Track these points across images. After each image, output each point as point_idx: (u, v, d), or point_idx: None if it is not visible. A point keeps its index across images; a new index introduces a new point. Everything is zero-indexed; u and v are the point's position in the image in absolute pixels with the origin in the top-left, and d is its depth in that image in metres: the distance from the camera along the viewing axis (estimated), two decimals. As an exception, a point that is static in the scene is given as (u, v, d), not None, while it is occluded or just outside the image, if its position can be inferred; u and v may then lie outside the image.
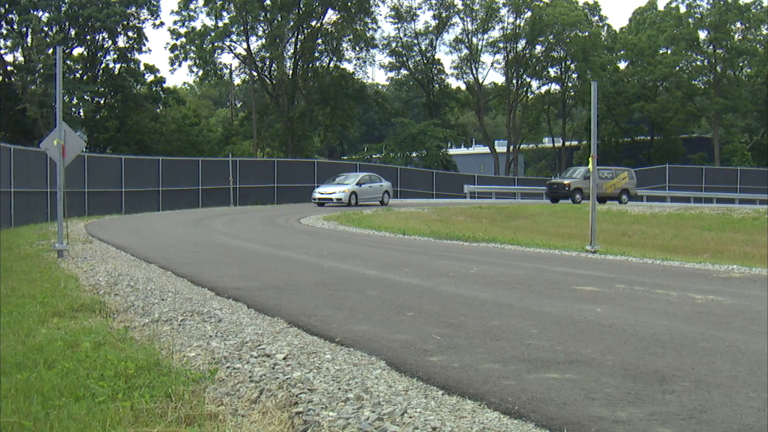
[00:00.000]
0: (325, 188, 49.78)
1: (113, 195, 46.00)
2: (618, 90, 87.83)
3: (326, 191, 49.12)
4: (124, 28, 69.58)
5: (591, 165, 20.24)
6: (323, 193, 49.16)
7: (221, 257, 17.51)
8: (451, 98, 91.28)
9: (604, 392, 6.08)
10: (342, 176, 52.53)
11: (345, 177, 51.91)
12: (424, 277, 13.44)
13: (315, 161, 64.17)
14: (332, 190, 49.07)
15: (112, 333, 8.55)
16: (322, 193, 49.10)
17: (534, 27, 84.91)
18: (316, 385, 6.34)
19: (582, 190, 54.59)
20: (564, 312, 9.74)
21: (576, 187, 55.11)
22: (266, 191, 56.39)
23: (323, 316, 9.44)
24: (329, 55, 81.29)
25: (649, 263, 17.09)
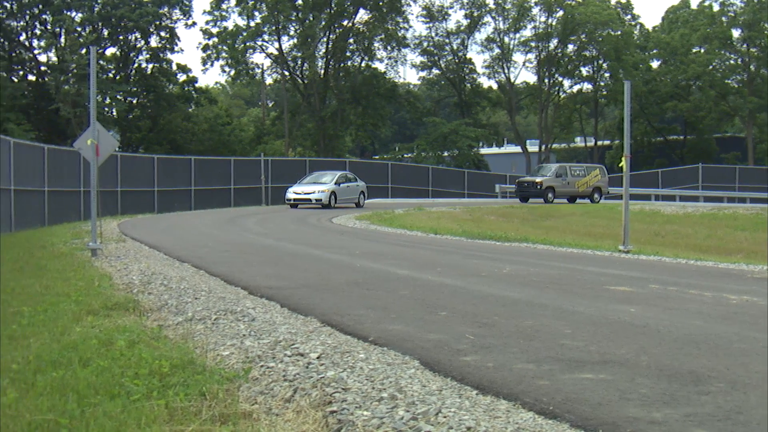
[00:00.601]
0: (301, 188, 45.76)
1: (146, 194, 46.21)
2: (650, 89, 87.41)
3: (303, 191, 45.19)
4: (156, 28, 69.92)
5: (624, 165, 20.10)
6: (299, 193, 45.22)
7: (254, 256, 17.55)
8: (483, 97, 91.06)
9: (639, 393, 6.05)
10: (315, 174, 48.80)
11: (320, 175, 48.02)
12: (457, 276, 13.42)
13: (347, 161, 64.25)
14: (310, 189, 45.13)
15: (146, 331, 8.59)
16: (298, 193, 45.18)
17: (566, 26, 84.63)
18: (350, 384, 6.34)
19: (554, 188, 53.04)
20: (597, 312, 9.70)
21: (548, 186, 52.95)
22: (298, 191, 56.45)
23: (356, 315, 9.44)
24: (361, 54, 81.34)
25: (682, 263, 17.00)
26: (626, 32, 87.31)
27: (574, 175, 54.12)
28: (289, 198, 45.19)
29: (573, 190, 53.68)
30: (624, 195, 20.61)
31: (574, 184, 53.43)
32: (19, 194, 30.19)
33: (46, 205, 33.99)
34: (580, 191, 53.84)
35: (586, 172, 55.12)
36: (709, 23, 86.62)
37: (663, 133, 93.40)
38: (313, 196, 44.53)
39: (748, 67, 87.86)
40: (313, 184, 45.91)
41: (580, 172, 54.81)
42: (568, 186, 53.57)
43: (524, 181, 54.88)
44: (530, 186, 53.40)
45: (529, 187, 53.46)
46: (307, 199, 44.73)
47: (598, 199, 54.25)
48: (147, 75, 70.96)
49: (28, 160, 32.07)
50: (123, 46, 70.40)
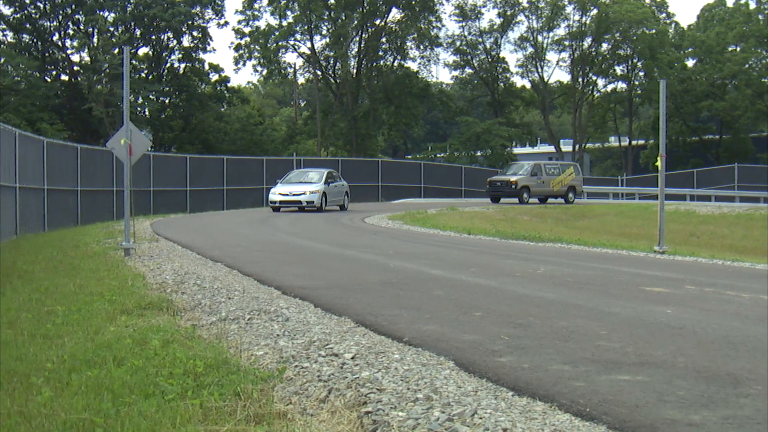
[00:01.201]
0: (287, 187, 40.44)
1: (178, 194, 46.38)
2: (686, 88, 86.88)
3: (290, 191, 39.89)
4: (188, 27, 70.19)
5: (660, 164, 19.99)
6: (286, 194, 39.95)
7: (287, 256, 17.59)
8: (516, 97, 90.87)
9: (677, 395, 6.01)
10: (297, 172, 43.73)
11: (303, 173, 42.94)
12: (491, 276, 13.40)
13: (379, 160, 64.31)
14: (298, 190, 39.84)
15: (180, 331, 8.62)
16: (285, 194, 39.96)
17: (600, 25, 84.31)
18: (384, 384, 6.34)
19: (530, 188, 50.57)
20: (633, 313, 9.65)
21: (523, 185, 50.31)
22: (330, 190, 56.29)
23: (390, 315, 9.44)
24: (393, 53, 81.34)
25: (718, 264, 16.90)
26: (661, 31, 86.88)
27: (549, 173, 51.89)
28: (273, 200, 40.08)
29: (548, 190, 51.51)
30: (659, 195, 20.48)
31: (549, 183, 51.24)
32: (51, 194, 30.39)
33: (78, 204, 34.22)
34: (554, 190, 51.84)
35: (561, 170, 53.10)
36: (746, 21, 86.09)
37: (698, 132, 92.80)
38: (303, 198, 39.53)
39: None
40: (301, 184, 40.80)
41: (554, 171, 52.65)
42: (542, 185, 51.62)
43: (497, 180, 51.93)
44: (504, 185, 50.66)
45: (502, 187, 50.70)
46: (295, 201, 39.80)
47: (573, 199, 52.37)
48: (179, 74, 71.27)
49: (61, 159, 32.29)
50: (155, 45, 70.75)
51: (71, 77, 67.91)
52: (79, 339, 8.36)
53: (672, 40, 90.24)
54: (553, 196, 52.09)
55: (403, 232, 26.81)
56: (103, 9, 65.60)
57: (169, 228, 27.77)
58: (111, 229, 26.98)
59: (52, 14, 66.64)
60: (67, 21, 67.54)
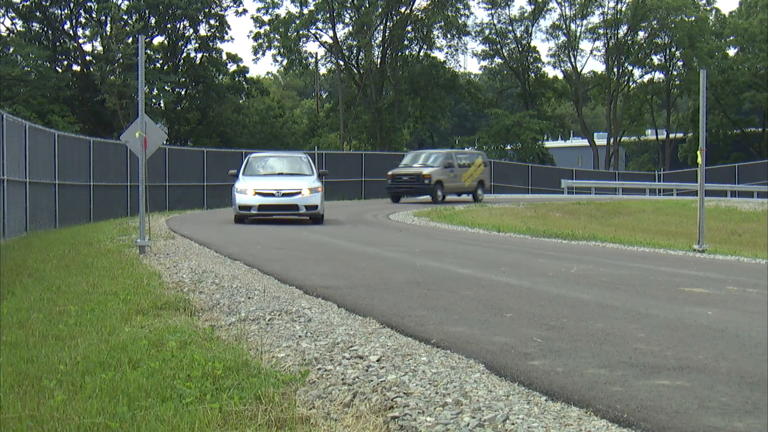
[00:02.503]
0: (268, 182, 28.96)
1: (195, 189, 46.49)
2: (727, 78, 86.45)
3: (276, 188, 28.46)
4: (205, 15, 70.40)
5: (700, 159, 19.91)
6: (268, 191, 28.37)
7: (308, 254, 17.61)
8: (548, 88, 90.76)
9: (719, 401, 5.99)
10: (270, 161, 31.86)
11: (278, 161, 31.90)
12: (522, 276, 13.39)
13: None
14: (290, 185, 28.53)
15: (197, 332, 8.65)
16: (266, 193, 28.33)
17: (636, 12, 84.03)
18: (412, 388, 6.34)
19: (443, 183, 44.22)
20: (672, 315, 9.62)
21: (437, 180, 43.83)
22: (353, 186, 56.27)
23: (417, 316, 9.44)
24: (419, 43, 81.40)
25: (762, 263, 16.82)
26: (701, 18, 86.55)
27: (461, 165, 45.84)
28: (245, 203, 28.31)
29: (459, 185, 45.87)
30: (699, 191, 20.40)
31: (460, 177, 45.33)
32: (63, 189, 30.54)
33: (91, 200, 34.36)
34: (465, 186, 46.22)
35: (470, 160, 47.02)
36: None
37: (740, 125, 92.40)
38: (299, 201, 28.19)
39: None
40: (290, 177, 29.70)
41: (465, 162, 46.48)
42: (455, 179, 45.58)
43: (402, 174, 44.42)
44: (414, 180, 43.87)
45: (411, 182, 44.00)
46: (287, 206, 28.41)
47: (482, 197, 47.05)
48: (196, 65, 71.52)
49: (72, 153, 32.44)
50: (171, 34, 71.00)
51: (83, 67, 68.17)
52: (93, 340, 8.40)
53: (712, 28, 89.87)
54: (465, 192, 46.89)
55: (429, 230, 26.82)
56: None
57: (186, 225, 27.84)
58: (125, 225, 27.06)
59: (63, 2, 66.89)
60: (78, 9, 67.78)
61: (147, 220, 18.27)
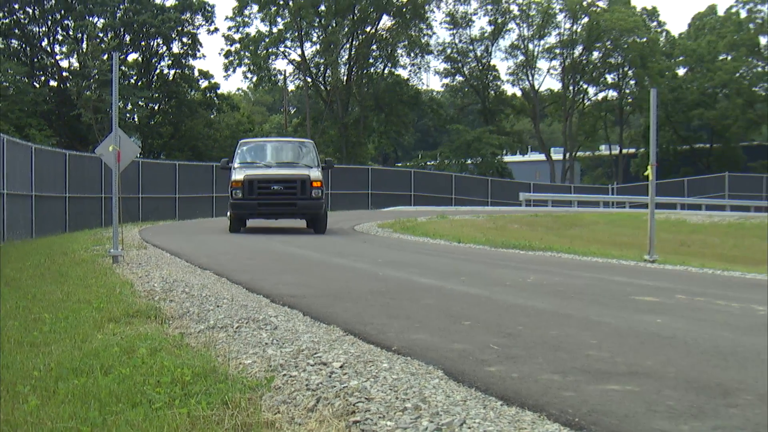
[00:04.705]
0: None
1: (167, 201, 46.36)
2: (677, 97, 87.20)
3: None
4: (178, 33, 70.29)
5: (650, 173, 20.00)
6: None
7: (276, 264, 17.57)
8: (507, 105, 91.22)
9: (666, 405, 6.01)
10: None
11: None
12: (481, 285, 13.39)
13: (369, 168, 64.30)
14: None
15: (167, 339, 8.60)
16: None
17: (591, 33, 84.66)
18: (373, 394, 6.32)
19: None
20: (623, 323, 9.65)
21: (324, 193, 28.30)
22: (320, 198, 55.94)
23: (380, 324, 9.43)
24: (384, 61, 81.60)
25: (709, 273, 16.93)
26: (652, 39, 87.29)
27: None
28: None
29: None
30: (650, 204, 20.53)
31: None
32: (40, 200, 30.35)
33: (67, 211, 34.16)
34: None
35: None
36: (736, 30, 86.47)
37: (689, 141, 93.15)
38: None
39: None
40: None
41: None
42: None
43: (267, 180, 27.74)
44: (290, 191, 27.49)
45: (286, 195, 27.59)
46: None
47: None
48: (169, 81, 71.41)
49: (49, 166, 32.25)
50: (145, 51, 70.90)
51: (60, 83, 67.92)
52: (66, 347, 8.34)
53: (663, 49, 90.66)
54: None
55: (393, 241, 26.81)
56: (93, 15, 65.70)
57: (158, 235, 27.71)
58: (99, 236, 26.91)
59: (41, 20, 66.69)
60: (56, 26, 67.60)
61: (120, 230, 18.18)
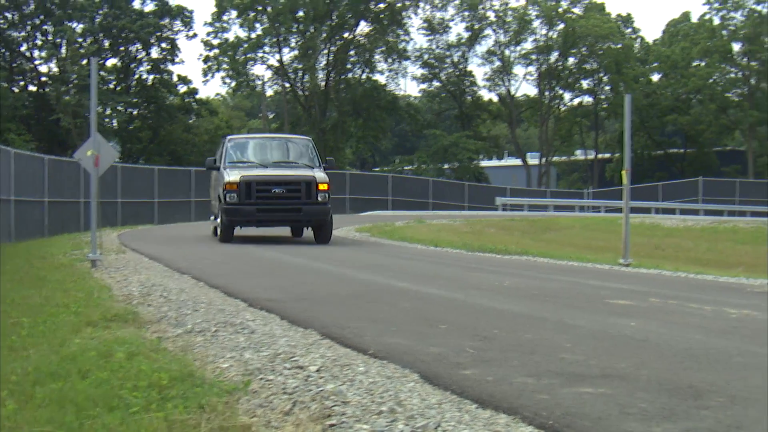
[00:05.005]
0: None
1: (146, 205, 46.24)
2: (651, 102, 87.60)
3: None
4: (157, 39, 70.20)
5: (624, 178, 20.06)
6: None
7: (254, 268, 17.54)
8: (483, 110, 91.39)
9: (639, 407, 6.03)
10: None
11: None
12: (457, 289, 13.41)
13: (347, 173, 64.23)
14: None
15: (145, 343, 8.56)
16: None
17: (567, 39, 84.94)
18: (349, 397, 6.32)
19: None
20: (598, 326, 9.69)
21: None
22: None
23: (356, 328, 9.42)
24: (362, 66, 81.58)
25: (682, 277, 17.00)
26: (627, 45, 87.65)
27: None
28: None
29: None
30: (624, 208, 20.61)
31: None
32: (19, 204, 30.22)
33: (46, 215, 34.02)
34: None
35: None
36: (710, 37, 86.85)
37: (663, 146, 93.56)
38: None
39: (748, 80, 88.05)
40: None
41: None
42: None
43: (267, 182, 24.21)
44: (293, 194, 24.24)
45: (289, 200, 24.34)
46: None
47: None
48: (148, 86, 71.28)
49: (28, 170, 32.12)
50: (124, 57, 70.70)
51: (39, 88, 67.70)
52: (44, 351, 8.29)
53: (637, 55, 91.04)
54: None
55: (370, 245, 26.80)
56: (72, 20, 65.43)
57: (137, 239, 27.62)
58: (78, 240, 26.80)
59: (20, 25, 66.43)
60: (35, 32, 67.33)
61: (99, 235, 18.11)
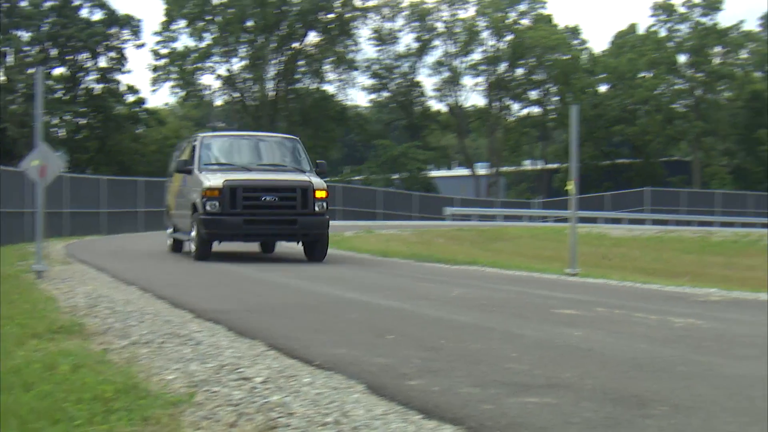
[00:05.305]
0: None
1: (94, 215, 45.83)
2: (598, 113, 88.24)
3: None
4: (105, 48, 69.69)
5: (571, 188, 20.15)
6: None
7: (201, 278, 17.46)
8: (433, 120, 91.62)
9: (583, 416, 6.05)
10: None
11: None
12: (405, 299, 13.41)
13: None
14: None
15: (90, 355, 8.49)
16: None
17: (515, 50, 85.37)
18: (294, 409, 6.30)
19: None
20: (544, 335, 9.73)
21: None
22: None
23: (303, 339, 9.39)
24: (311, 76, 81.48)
25: (629, 286, 17.11)
26: (574, 56, 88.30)
27: None
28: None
29: None
30: (571, 218, 20.70)
31: None
32: (-37, 215, 29.89)
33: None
34: None
35: None
36: (656, 48, 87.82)
37: (611, 156, 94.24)
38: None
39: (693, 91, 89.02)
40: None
41: None
42: None
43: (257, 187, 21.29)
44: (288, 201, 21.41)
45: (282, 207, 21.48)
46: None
47: None
48: (95, 95, 70.79)
49: (-27, 180, 31.76)
50: (71, 65, 70.10)
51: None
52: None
53: (585, 66, 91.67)
54: None
55: (319, 255, 26.72)
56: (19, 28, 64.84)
57: (84, 250, 27.39)
58: (24, 251, 26.51)
59: (-34, 34, 65.75)
60: (-19, 41, 66.71)
61: (44, 245, 17.94)
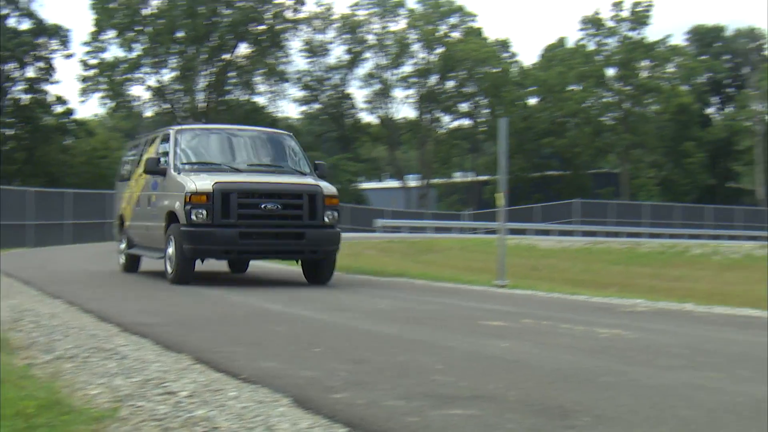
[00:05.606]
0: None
1: (20, 228, 45.24)
2: (528, 125, 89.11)
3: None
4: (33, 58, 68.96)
5: (500, 200, 20.29)
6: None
7: (128, 292, 17.32)
8: (364, 132, 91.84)
9: (506, 428, 6.09)
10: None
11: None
12: (332, 312, 13.41)
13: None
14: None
15: (13, 371, 8.38)
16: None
17: (446, 63, 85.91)
18: (219, 423, 6.27)
19: None
20: (470, 347, 9.78)
21: None
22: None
23: (229, 352, 9.35)
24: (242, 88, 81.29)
25: (556, 297, 17.27)
26: (504, 69, 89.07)
27: None
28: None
29: None
30: (500, 230, 20.84)
31: None
32: None
33: None
34: None
35: None
36: (585, 62, 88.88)
37: (541, 168, 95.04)
38: None
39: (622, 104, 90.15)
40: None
41: None
42: None
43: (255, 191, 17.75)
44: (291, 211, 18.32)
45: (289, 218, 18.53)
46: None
47: None
48: (23, 106, 69.95)
49: None
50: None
51: None
52: None
53: (515, 79, 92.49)
54: None
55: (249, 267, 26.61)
56: (-55, 38, 64.05)
57: (9, 263, 27.02)
58: (-52, 264, 26.13)
59: None
60: None
61: (-32, 259, 17.70)
